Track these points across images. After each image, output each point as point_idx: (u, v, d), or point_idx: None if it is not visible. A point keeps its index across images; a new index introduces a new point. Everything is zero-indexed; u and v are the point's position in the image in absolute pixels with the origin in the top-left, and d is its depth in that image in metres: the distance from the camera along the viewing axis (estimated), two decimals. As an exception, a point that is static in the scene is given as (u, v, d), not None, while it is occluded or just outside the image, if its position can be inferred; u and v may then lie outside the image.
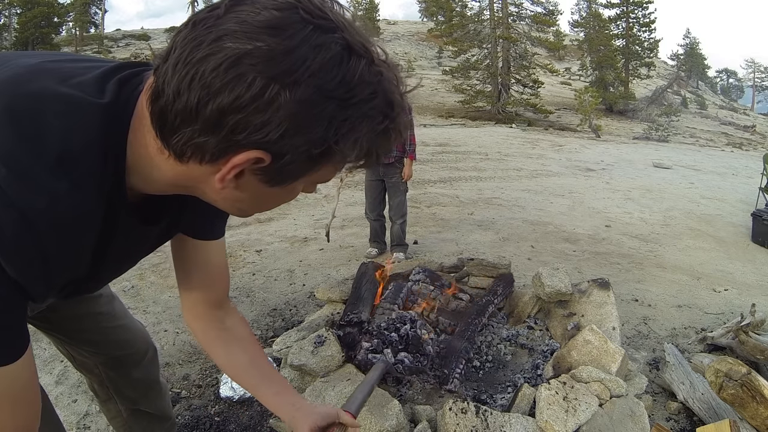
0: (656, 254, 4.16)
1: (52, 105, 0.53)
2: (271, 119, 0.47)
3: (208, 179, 0.55)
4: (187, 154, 0.52)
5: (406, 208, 3.72)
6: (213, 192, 0.58)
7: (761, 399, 1.64)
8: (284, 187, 0.57)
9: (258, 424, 1.91)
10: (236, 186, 0.55)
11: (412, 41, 40.39)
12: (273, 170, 0.52)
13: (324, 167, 0.55)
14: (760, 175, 6.01)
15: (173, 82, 0.48)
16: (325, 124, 0.49)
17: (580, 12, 30.20)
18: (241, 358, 0.95)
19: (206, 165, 0.53)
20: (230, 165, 0.51)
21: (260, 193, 0.57)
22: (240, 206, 0.63)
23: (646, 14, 24.46)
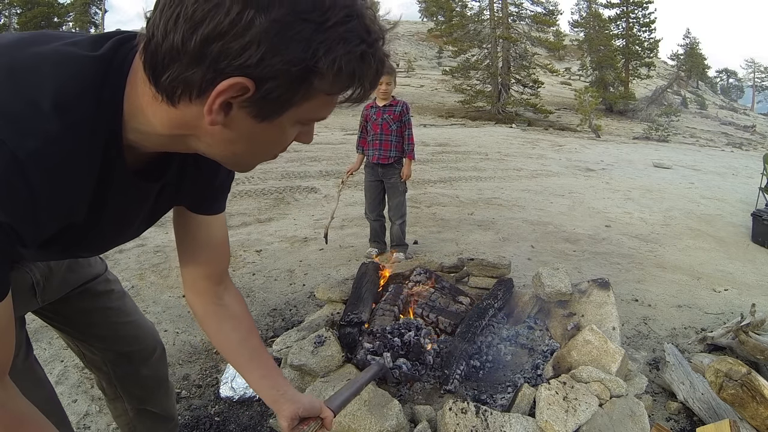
0: (656, 254, 4.16)
1: (49, 58, 0.55)
2: (250, 43, 0.49)
3: (200, 123, 0.57)
4: (177, 92, 0.54)
5: (405, 208, 3.72)
6: (206, 136, 0.60)
7: (761, 399, 1.64)
8: (273, 122, 0.58)
9: (258, 424, 1.91)
10: (225, 123, 0.56)
11: (412, 41, 40.38)
12: (259, 99, 0.54)
13: (309, 98, 0.56)
14: (760, 175, 6.01)
15: (161, 24, 0.51)
16: (303, 46, 0.51)
17: (580, 12, 30.17)
18: (233, 336, 0.97)
19: (196, 102, 0.55)
20: (215, 93, 0.52)
21: (250, 130, 0.58)
22: (234, 150, 0.63)
23: (646, 14, 24.45)
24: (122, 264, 3.48)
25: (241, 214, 4.87)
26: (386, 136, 3.51)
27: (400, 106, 3.52)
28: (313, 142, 0.70)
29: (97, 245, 0.84)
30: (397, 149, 3.54)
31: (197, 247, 0.92)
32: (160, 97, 0.56)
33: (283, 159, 7.76)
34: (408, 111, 3.56)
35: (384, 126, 3.50)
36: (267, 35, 0.49)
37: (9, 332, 0.63)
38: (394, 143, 3.52)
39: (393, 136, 3.51)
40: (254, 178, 6.35)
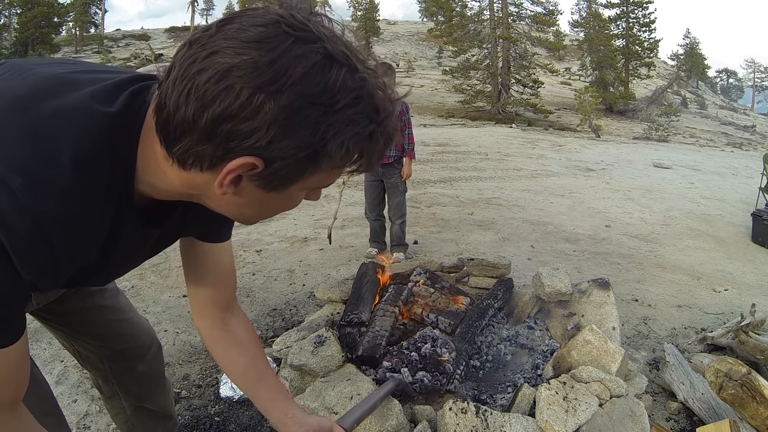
0: (656, 254, 4.16)
1: (67, 116, 0.57)
2: (259, 126, 0.51)
3: (210, 187, 0.59)
4: (188, 161, 0.56)
5: (405, 208, 3.72)
6: (216, 198, 0.63)
7: (761, 399, 1.64)
8: (281, 192, 0.60)
9: (258, 424, 1.91)
10: (235, 192, 0.59)
11: (412, 41, 40.39)
12: (267, 175, 0.56)
13: (316, 172, 0.58)
14: (760, 175, 6.01)
15: (173, 96, 0.52)
16: (311, 129, 0.52)
17: (580, 12, 30.17)
18: (239, 360, 0.99)
19: (207, 172, 0.57)
20: (225, 170, 0.55)
21: (260, 198, 0.61)
22: (243, 212, 0.66)
23: (646, 14, 24.44)
24: (122, 264, 3.47)
25: (241, 214, 4.87)
26: None
27: (399, 105, 3.51)
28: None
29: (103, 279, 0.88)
30: (397, 148, 3.54)
31: (204, 273, 0.94)
32: (171, 161, 0.58)
33: (283, 159, 7.76)
34: (408, 110, 3.56)
35: None
36: (276, 120, 0.50)
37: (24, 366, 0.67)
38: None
39: None
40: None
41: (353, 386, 1.71)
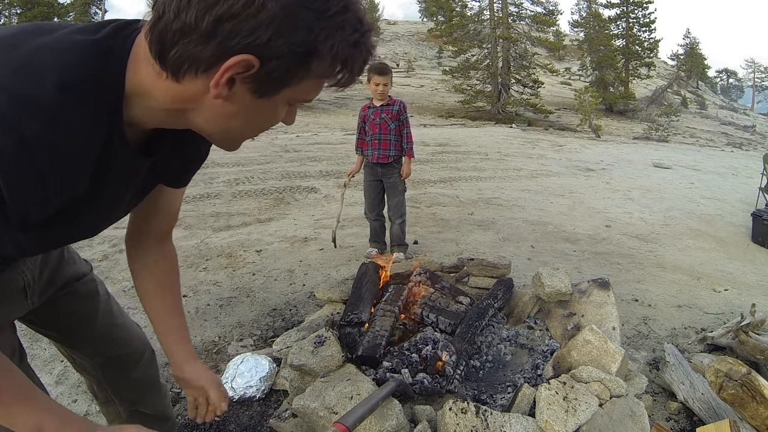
0: (656, 254, 4.16)
1: (53, 45, 0.59)
2: (260, 24, 0.54)
3: (201, 97, 0.62)
4: (183, 67, 0.58)
5: (404, 208, 3.72)
6: (206, 110, 0.64)
7: (761, 399, 1.64)
8: (270, 100, 0.64)
9: (258, 424, 1.91)
10: (228, 97, 0.61)
11: (412, 41, 40.38)
12: (261, 76, 0.59)
13: (305, 79, 0.62)
14: (760, 175, 6.01)
15: (173, 3, 0.55)
16: (306, 30, 0.56)
17: (580, 12, 30.15)
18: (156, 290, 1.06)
19: (201, 77, 0.59)
20: (223, 69, 0.57)
21: (249, 105, 0.64)
22: (230, 124, 0.68)
23: (646, 14, 24.43)
24: (122, 264, 3.48)
25: (241, 214, 4.87)
26: (385, 135, 3.51)
27: (397, 105, 3.53)
28: (313, 143, 0.73)
29: (92, 223, 0.84)
30: (396, 148, 3.55)
31: (156, 212, 0.99)
32: (164, 74, 0.60)
33: (283, 159, 7.76)
34: (405, 110, 3.57)
35: (382, 125, 3.50)
36: (276, 18, 0.54)
37: None
38: (393, 142, 3.53)
39: (392, 135, 3.52)
40: (254, 178, 6.35)
41: (353, 386, 1.71)
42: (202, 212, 4.79)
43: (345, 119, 13.44)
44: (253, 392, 2.02)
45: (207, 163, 3.43)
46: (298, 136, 10.58)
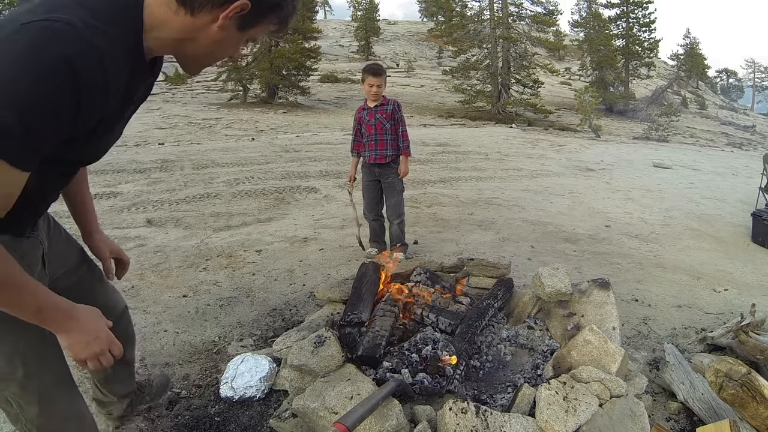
0: (656, 254, 4.16)
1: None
2: None
3: (204, 28, 0.94)
4: (202, 5, 0.90)
5: (403, 207, 3.72)
6: (202, 38, 0.96)
7: (761, 399, 1.64)
8: (242, 33, 0.98)
9: (258, 424, 1.91)
10: (222, 26, 0.93)
11: (412, 41, 40.38)
12: (245, 15, 0.93)
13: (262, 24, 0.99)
14: (760, 175, 6.01)
15: None
16: None
17: (580, 12, 30.22)
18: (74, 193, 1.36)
19: (213, 12, 0.91)
20: (232, 7, 0.91)
21: (231, 35, 0.97)
22: (213, 48, 0.99)
23: (646, 14, 24.42)
24: (122, 264, 3.47)
25: (241, 214, 4.87)
26: (381, 135, 3.53)
27: (391, 104, 3.54)
28: (313, 143, 0.74)
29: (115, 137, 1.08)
30: (393, 147, 3.56)
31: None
32: (182, 11, 0.91)
33: (283, 159, 7.76)
34: (399, 108, 3.58)
35: (378, 126, 3.51)
36: None
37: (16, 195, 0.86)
38: (389, 142, 3.54)
39: (388, 134, 3.53)
40: (254, 178, 6.35)
41: (353, 386, 1.71)
42: (202, 212, 4.79)
43: (345, 119, 13.44)
44: (253, 392, 2.02)
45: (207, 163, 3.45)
46: (298, 136, 10.58)
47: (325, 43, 31.59)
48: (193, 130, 11.06)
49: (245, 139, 9.87)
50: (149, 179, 6.18)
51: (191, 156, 7.53)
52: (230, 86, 17.27)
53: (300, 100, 17.50)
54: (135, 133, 10.05)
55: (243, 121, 12.88)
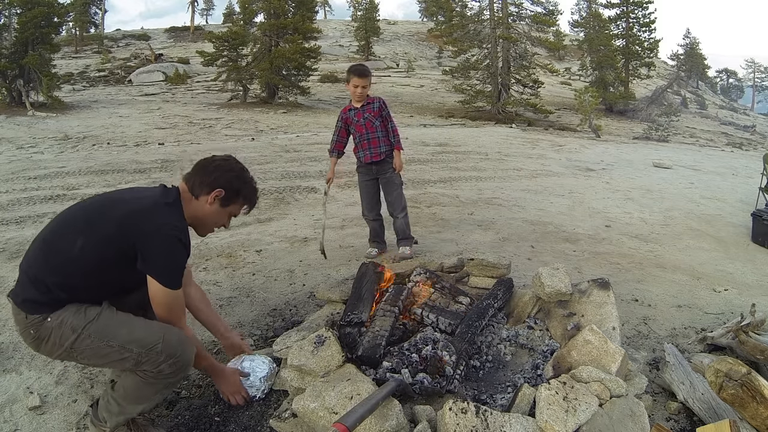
0: (656, 254, 4.16)
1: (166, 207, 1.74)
2: (226, 180, 1.83)
3: (202, 205, 1.82)
4: (200, 192, 1.81)
5: (404, 201, 3.73)
6: (203, 211, 1.83)
7: (761, 399, 1.64)
8: (224, 209, 1.87)
9: (258, 424, 1.91)
10: (211, 203, 1.82)
11: (412, 41, 40.36)
12: (223, 198, 1.83)
13: (235, 203, 1.88)
14: (760, 175, 6.01)
15: (191, 181, 1.83)
16: (240, 183, 1.88)
17: (580, 12, 30.16)
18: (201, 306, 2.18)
19: (203, 197, 1.81)
20: (214, 193, 1.81)
21: (216, 209, 1.84)
22: (207, 220, 1.87)
23: (646, 14, 24.38)
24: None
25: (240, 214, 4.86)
26: (372, 133, 3.53)
27: (377, 102, 3.54)
28: (313, 143, 0.74)
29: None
30: (386, 144, 3.57)
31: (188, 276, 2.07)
32: (192, 198, 1.81)
33: (283, 159, 7.76)
34: (386, 105, 3.60)
35: (367, 125, 3.52)
36: (231, 180, 1.84)
37: (183, 305, 1.85)
38: (381, 139, 3.55)
39: (378, 131, 3.54)
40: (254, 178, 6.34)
41: (353, 386, 1.71)
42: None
43: (345, 119, 13.40)
44: (254, 392, 2.02)
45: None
46: (298, 136, 10.57)
47: (325, 43, 31.57)
48: (193, 130, 11.06)
49: (245, 139, 9.87)
50: (149, 179, 6.18)
51: (191, 156, 7.53)
52: (230, 86, 17.27)
53: (300, 100, 17.49)
54: (135, 133, 10.05)
55: (243, 121, 12.87)
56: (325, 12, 54.41)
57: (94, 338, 1.61)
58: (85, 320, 1.62)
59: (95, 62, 25.88)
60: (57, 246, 1.63)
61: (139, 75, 22.03)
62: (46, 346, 1.63)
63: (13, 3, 14.83)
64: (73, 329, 1.60)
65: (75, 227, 1.65)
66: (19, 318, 1.63)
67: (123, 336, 1.63)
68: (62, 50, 23.37)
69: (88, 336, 1.61)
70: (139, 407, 1.74)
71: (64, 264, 1.61)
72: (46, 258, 1.63)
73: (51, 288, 1.59)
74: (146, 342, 1.63)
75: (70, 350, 1.63)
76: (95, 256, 1.60)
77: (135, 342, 1.63)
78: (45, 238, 1.67)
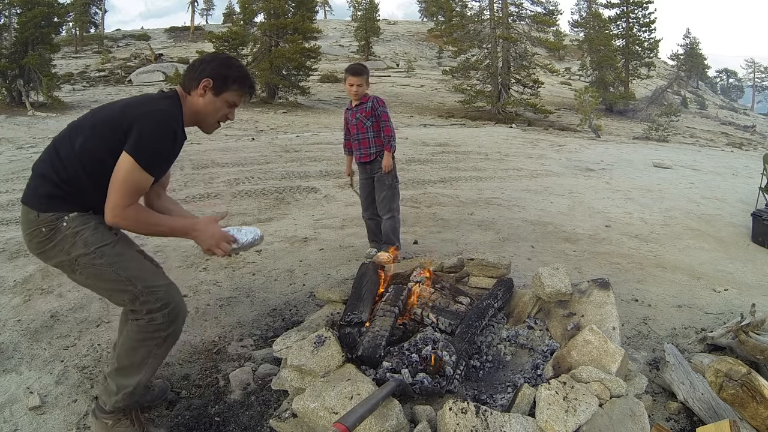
0: (656, 254, 4.16)
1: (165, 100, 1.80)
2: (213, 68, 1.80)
3: (197, 100, 1.80)
4: (191, 87, 1.80)
5: (394, 204, 3.62)
6: (197, 104, 1.80)
7: (761, 399, 1.64)
8: (218, 97, 1.80)
9: (258, 424, 1.91)
10: (203, 95, 1.79)
11: (412, 41, 40.36)
12: (213, 87, 1.78)
13: (227, 90, 1.81)
14: (760, 175, 6.01)
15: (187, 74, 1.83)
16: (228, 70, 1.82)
17: (580, 12, 30.15)
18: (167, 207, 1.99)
19: (195, 90, 1.79)
20: (203, 83, 1.78)
21: (211, 99, 1.80)
22: (203, 111, 1.81)
23: (646, 14, 24.39)
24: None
25: (241, 214, 4.87)
26: (362, 134, 3.54)
27: (370, 101, 3.52)
28: (312, 143, 0.73)
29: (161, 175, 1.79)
30: (377, 144, 3.55)
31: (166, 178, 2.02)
32: (186, 95, 1.81)
33: (283, 159, 7.76)
34: (381, 104, 3.54)
35: (359, 125, 3.53)
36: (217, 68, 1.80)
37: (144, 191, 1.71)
38: (372, 139, 3.54)
39: (369, 133, 3.53)
40: (254, 178, 6.35)
41: (353, 386, 1.71)
42: (202, 212, 4.79)
43: (345, 119, 13.41)
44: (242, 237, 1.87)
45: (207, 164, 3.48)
46: (298, 136, 10.57)
47: (325, 43, 31.58)
48: (193, 130, 11.05)
49: (245, 139, 9.87)
50: (149, 179, 6.17)
51: (191, 156, 7.52)
52: (230, 86, 17.25)
53: (300, 100, 17.49)
54: (135, 133, 10.05)
55: (243, 121, 12.87)
56: (325, 12, 54.41)
57: (104, 262, 1.66)
58: (101, 241, 1.67)
59: (95, 62, 25.88)
60: (62, 145, 1.69)
61: (139, 75, 22.02)
62: (52, 250, 1.66)
63: (13, 3, 14.83)
64: (86, 244, 1.65)
65: (80, 129, 1.70)
66: (30, 218, 1.67)
67: (132, 270, 1.69)
68: (62, 50, 23.37)
69: (99, 257, 1.66)
70: (135, 378, 1.74)
71: (69, 159, 1.65)
72: (54, 157, 1.68)
73: (59, 184, 1.65)
74: (151, 284, 1.71)
75: (74, 263, 1.66)
76: (93, 152, 1.64)
77: (141, 280, 1.69)
78: (54, 141, 1.73)
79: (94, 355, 2.39)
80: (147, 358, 1.74)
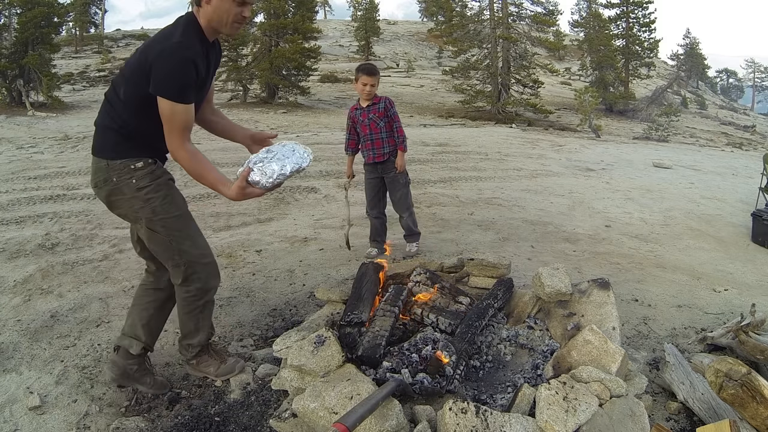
0: (656, 254, 4.16)
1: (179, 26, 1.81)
2: None
3: (207, 7, 1.77)
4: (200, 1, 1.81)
5: (410, 200, 3.76)
6: (208, 12, 1.78)
7: (761, 399, 1.64)
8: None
9: (258, 424, 1.91)
10: (210, 1, 1.76)
11: (412, 41, 40.35)
12: None
13: None
14: (760, 175, 6.00)
15: None
16: None
17: (580, 12, 30.13)
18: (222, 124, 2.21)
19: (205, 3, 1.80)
20: None
21: (218, 4, 1.76)
22: (219, 15, 1.78)
23: (646, 14, 24.38)
24: (122, 264, 3.48)
25: (241, 214, 4.87)
26: (376, 134, 3.56)
27: (382, 102, 3.56)
28: (312, 143, 0.73)
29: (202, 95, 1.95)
30: (390, 144, 3.60)
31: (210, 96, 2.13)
32: (199, 8, 1.80)
33: (283, 159, 7.74)
34: (392, 105, 3.62)
35: (372, 125, 3.55)
36: None
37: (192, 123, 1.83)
38: (385, 140, 3.57)
39: (383, 133, 3.56)
40: None
41: (353, 386, 1.71)
42: (202, 212, 4.79)
43: (345, 119, 13.41)
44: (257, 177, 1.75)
45: (207, 163, 3.19)
46: (298, 136, 10.57)
47: (325, 43, 31.57)
48: (193, 130, 11.05)
49: (245, 139, 9.85)
50: (149, 179, 6.16)
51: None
52: (230, 86, 17.27)
53: (300, 100, 17.49)
54: (135, 133, 10.05)
55: (243, 121, 12.87)
56: (325, 12, 54.39)
57: (165, 231, 1.87)
58: (168, 213, 1.87)
59: (95, 62, 25.87)
60: (112, 96, 1.84)
61: (139, 75, 22.00)
62: (120, 202, 1.86)
63: (13, 3, 14.84)
64: (154, 212, 1.85)
65: (120, 79, 1.84)
66: (101, 166, 1.84)
67: (185, 245, 1.91)
68: (62, 50, 23.37)
69: (162, 226, 1.86)
70: (197, 337, 2.10)
71: (120, 107, 1.81)
72: (109, 108, 1.85)
73: (119, 130, 1.82)
74: (195, 260, 1.93)
75: (139, 219, 1.88)
76: (135, 97, 1.77)
77: (188, 254, 1.92)
78: (106, 94, 1.89)
79: (94, 355, 2.39)
80: (198, 322, 2.07)
